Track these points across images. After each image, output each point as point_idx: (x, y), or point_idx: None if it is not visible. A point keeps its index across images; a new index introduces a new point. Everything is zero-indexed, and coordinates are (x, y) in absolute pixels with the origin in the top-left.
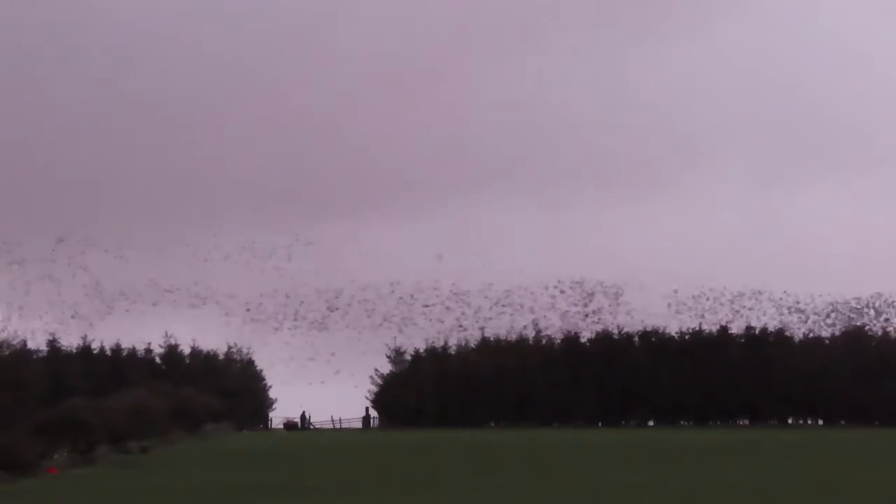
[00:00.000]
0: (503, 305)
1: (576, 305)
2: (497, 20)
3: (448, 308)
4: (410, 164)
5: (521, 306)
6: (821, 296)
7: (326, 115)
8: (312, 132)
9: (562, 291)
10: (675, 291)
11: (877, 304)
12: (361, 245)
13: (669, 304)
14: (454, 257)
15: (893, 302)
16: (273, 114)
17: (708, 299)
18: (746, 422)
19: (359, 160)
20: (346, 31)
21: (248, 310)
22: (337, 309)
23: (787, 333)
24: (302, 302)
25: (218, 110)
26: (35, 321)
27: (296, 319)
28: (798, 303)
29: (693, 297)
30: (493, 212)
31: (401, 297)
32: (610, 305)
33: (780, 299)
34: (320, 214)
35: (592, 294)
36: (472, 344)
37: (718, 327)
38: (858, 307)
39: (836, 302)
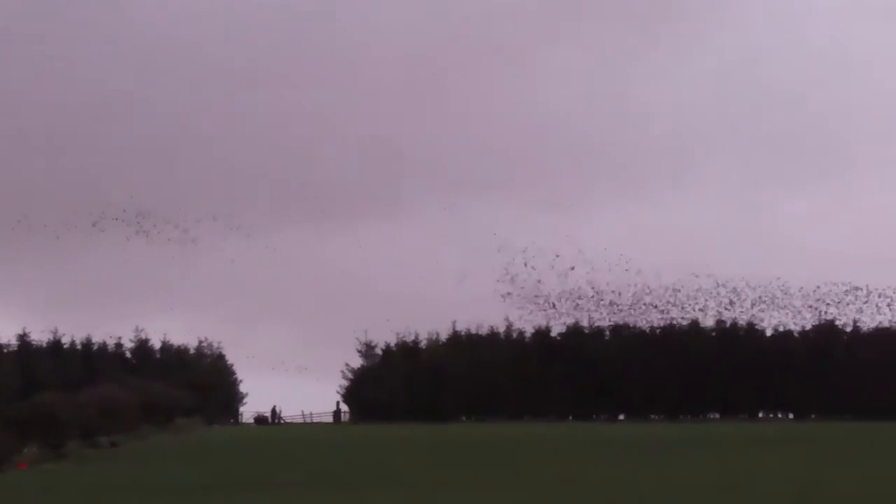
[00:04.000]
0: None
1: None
2: (498, 24)
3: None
4: (414, 164)
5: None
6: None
7: (329, 115)
8: (314, 130)
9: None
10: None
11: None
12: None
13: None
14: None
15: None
16: (278, 113)
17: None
18: (717, 416)
19: (361, 160)
20: (350, 32)
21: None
22: None
23: (758, 327)
24: None
25: (224, 109)
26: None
27: None
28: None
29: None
30: (488, 212)
31: None
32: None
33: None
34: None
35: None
36: (443, 338)
37: (689, 321)
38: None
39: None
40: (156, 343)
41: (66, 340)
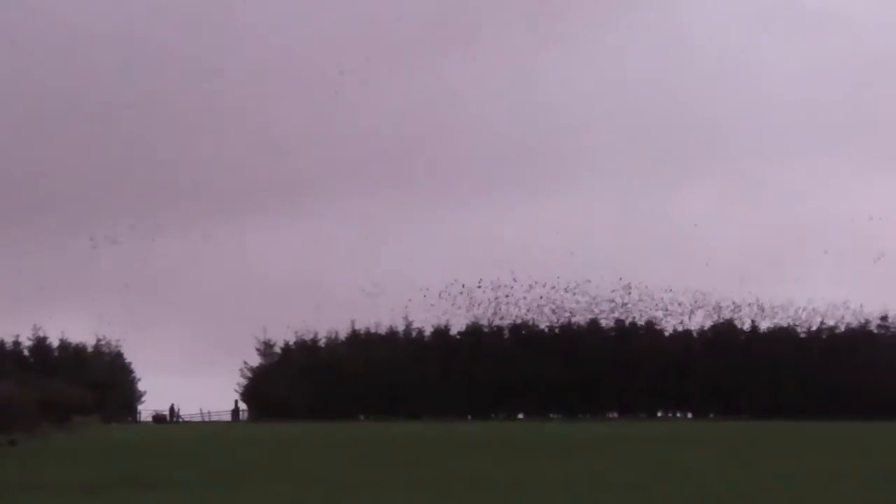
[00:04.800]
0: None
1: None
2: (402, 20)
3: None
4: (311, 163)
5: None
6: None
7: (226, 113)
8: (213, 130)
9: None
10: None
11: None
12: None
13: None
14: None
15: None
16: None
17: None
18: (616, 415)
19: (260, 158)
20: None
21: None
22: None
23: (657, 326)
24: None
25: (130, 113)
26: None
27: None
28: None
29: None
30: (384, 210)
31: None
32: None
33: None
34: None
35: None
36: (342, 337)
37: (588, 320)
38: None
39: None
40: (54, 341)
41: None
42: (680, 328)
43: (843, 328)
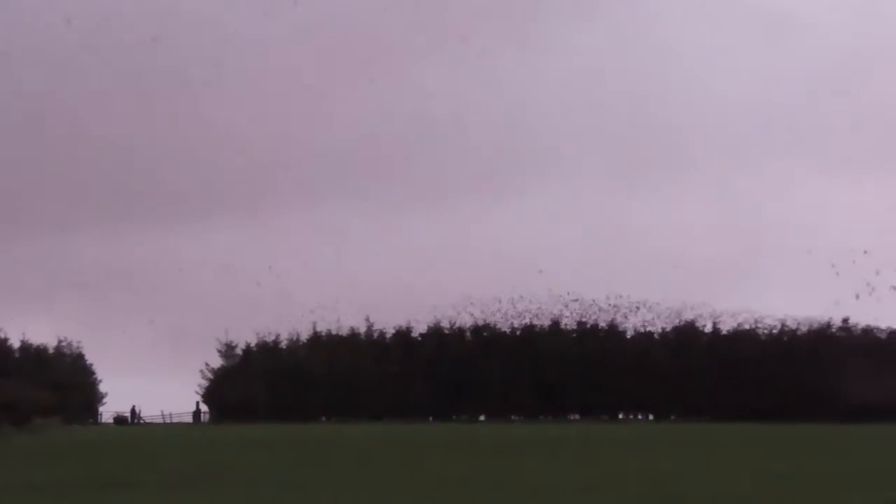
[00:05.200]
0: None
1: None
2: (359, 26)
3: None
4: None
5: None
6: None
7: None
8: (183, 133)
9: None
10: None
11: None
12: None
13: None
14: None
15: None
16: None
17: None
18: (577, 416)
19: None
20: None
21: None
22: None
23: (620, 328)
24: None
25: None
26: None
27: None
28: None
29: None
30: (339, 216)
31: None
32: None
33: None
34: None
35: None
36: (304, 338)
37: (550, 322)
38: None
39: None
40: (15, 342)
41: None
42: (642, 329)
43: (804, 330)
